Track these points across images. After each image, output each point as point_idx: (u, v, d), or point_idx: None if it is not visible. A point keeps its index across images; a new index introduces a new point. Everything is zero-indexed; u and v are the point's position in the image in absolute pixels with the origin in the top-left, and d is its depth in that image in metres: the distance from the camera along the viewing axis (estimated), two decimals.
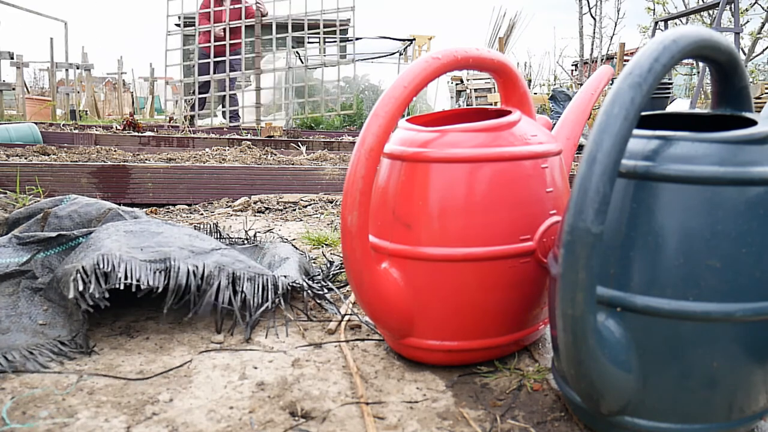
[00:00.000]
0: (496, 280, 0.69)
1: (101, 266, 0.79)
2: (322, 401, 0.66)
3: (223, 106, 6.42)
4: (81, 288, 0.77)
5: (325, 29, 6.60)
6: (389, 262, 0.71)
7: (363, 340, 0.83)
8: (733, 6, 5.06)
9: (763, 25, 10.18)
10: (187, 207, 1.94)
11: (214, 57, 6.07)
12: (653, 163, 0.54)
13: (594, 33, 11.38)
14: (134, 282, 0.80)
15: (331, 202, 1.96)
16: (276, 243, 1.21)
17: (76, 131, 4.71)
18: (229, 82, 6.17)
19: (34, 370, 0.71)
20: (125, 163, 2.24)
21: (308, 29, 6.36)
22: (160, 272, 0.82)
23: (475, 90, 7.93)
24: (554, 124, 0.84)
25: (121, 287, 0.79)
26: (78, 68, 11.29)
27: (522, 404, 0.66)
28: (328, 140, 4.32)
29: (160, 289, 0.81)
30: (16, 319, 0.82)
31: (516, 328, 0.74)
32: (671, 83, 5.42)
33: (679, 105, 5.37)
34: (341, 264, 1.12)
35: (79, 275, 0.79)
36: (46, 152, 3.13)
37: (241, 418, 0.62)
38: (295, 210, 1.83)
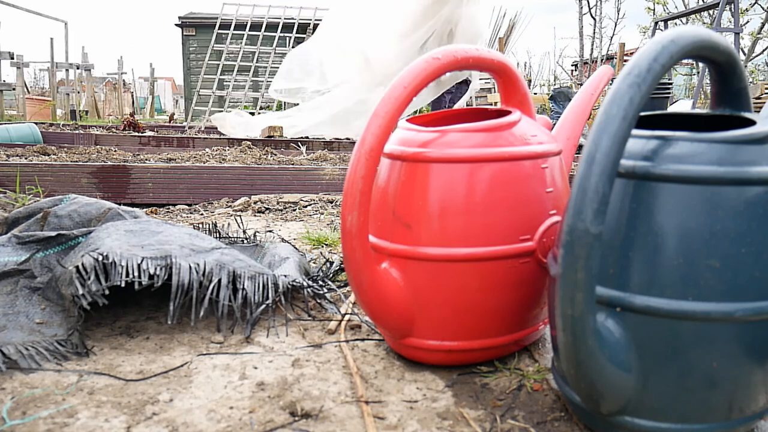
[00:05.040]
0: (496, 280, 0.69)
1: (101, 262, 0.80)
2: (322, 401, 0.66)
3: None
4: (79, 285, 0.77)
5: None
6: (389, 262, 0.72)
7: (363, 340, 0.83)
8: (733, 6, 5.07)
9: (763, 25, 10.18)
10: (187, 207, 1.94)
11: None
12: (652, 163, 0.54)
13: (594, 33, 11.38)
14: (135, 278, 0.80)
15: (331, 202, 1.96)
16: (276, 243, 1.21)
17: (76, 131, 4.71)
18: None
19: (26, 367, 0.71)
20: (125, 163, 2.24)
21: (309, 29, 6.37)
22: (161, 268, 0.82)
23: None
24: (554, 125, 0.84)
25: (122, 284, 0.79)
26: (78, 68, 11.31)
27: (522, 404, 0.66)
28: (328, 140, 4.32)
29: (160, 282, 0.81)
30: (13, 317, 0.82)
31: (516, 328, 0.74)
32: (671, 83, 5.41)
33: (682, 105, 5.36)
34: (341, 264, 1.12)
35: (78, 272, 0.79)
36: (46, 152, 3.14)
37: (241, 418, 0.62)
38: (295, 210, 1.83)
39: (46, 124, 5.92)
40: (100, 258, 0.80)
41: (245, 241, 1.24)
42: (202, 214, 1.77)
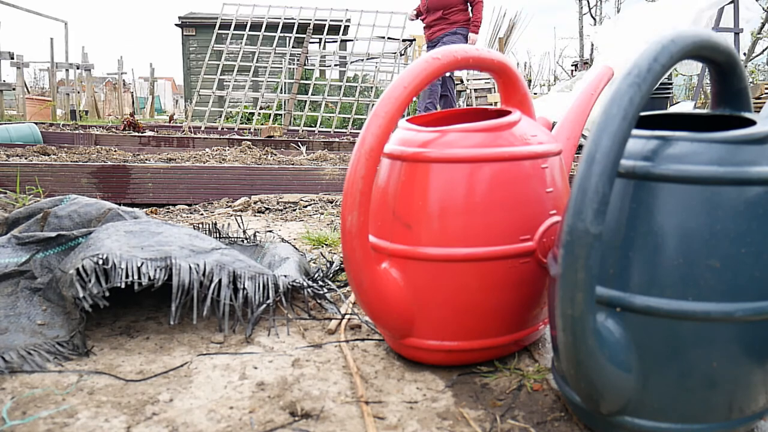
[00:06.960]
0: (496, 280, 0.69)
1: (101, 265, 0.80)
2: (322, 401, 0.66)
3: None
4: (80, 287, 0.77)
5: (323, 29, 6.60)
6: (389, 262, 0.72)
7: (363, 340, 0.83)
8: (733, 6, 5.06)
9: (763, 25, 10.19)
10: (187, 207, 1.94)
11: None
12: (652, 163, 0.54)
13: None
14: (135, 280, 0.80)
15: (331, 202, 1.96)
16: (276, 243, 1.21)
17: (76, 131, 4.71)
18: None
19: (30, 371, 0.71)
20: (125, 163, 2.24)
21: (309, 29, 6.36)
22: (161, 269, 0.82)
23: (475, 90, 7.93)
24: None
25: (122, 286, 0.79)
26: (78, 68, 11.31)
27: (522, 404, 0.66)
28: (328, 140, 4.33)
29: (160, 282, 0.81)
30: (15, 319, 0.82)
31: (516, 328, 0.74)
32: (671, 83, 5.40)
33: (684, 106, 5.34)
34: (341, 264, 1.12)
35: (78, 274, 0.79)
36: (46, 152, 3.14)
37: (241, 418, 0.62)
38: (295, 210, 1.83)
39: (46, 124, 5.93)
40: (100, 262, 0.80)
41: (245, 242, 1.24)
42: (202, 214, 1.77)
